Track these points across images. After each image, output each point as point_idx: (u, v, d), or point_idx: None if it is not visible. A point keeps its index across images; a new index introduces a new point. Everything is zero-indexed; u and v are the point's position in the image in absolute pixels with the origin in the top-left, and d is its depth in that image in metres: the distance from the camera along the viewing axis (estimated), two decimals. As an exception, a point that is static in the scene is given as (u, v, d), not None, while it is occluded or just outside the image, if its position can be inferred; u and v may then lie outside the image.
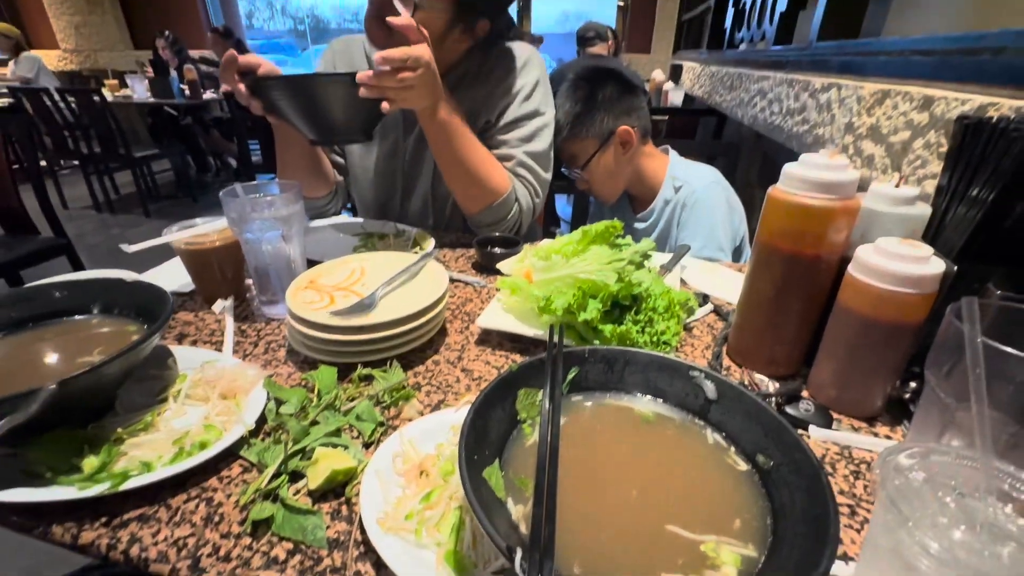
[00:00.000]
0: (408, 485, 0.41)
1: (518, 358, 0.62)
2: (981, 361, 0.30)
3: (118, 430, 0.46)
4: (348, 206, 1.18)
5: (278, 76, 0.70)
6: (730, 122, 2.06)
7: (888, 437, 0.50)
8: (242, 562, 0.36)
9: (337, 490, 0.42)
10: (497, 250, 0.86)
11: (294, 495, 0.41)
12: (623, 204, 1.27)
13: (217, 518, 0.40)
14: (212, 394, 0.51)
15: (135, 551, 0.37)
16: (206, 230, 0.70)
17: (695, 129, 3.06)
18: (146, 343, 0.46)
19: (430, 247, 0.88)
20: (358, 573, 0.36)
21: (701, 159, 1.24)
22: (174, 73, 4.03)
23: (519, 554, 0.25)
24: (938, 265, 0.45)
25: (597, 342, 0.59)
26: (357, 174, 1.07)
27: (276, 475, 0.42)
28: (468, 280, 0.82)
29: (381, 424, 0.49)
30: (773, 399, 0.52)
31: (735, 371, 0.60)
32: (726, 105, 1.89)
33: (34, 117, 3.61)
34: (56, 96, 3.57)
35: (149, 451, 0.44)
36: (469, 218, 0.96)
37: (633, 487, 0.36)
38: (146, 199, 3.80)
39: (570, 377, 0.44)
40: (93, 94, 3.41)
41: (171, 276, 0.79)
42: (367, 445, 0.47)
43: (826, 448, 0.48)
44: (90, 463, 0.42)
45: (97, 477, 0.41)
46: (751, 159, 1.72)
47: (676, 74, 3.80)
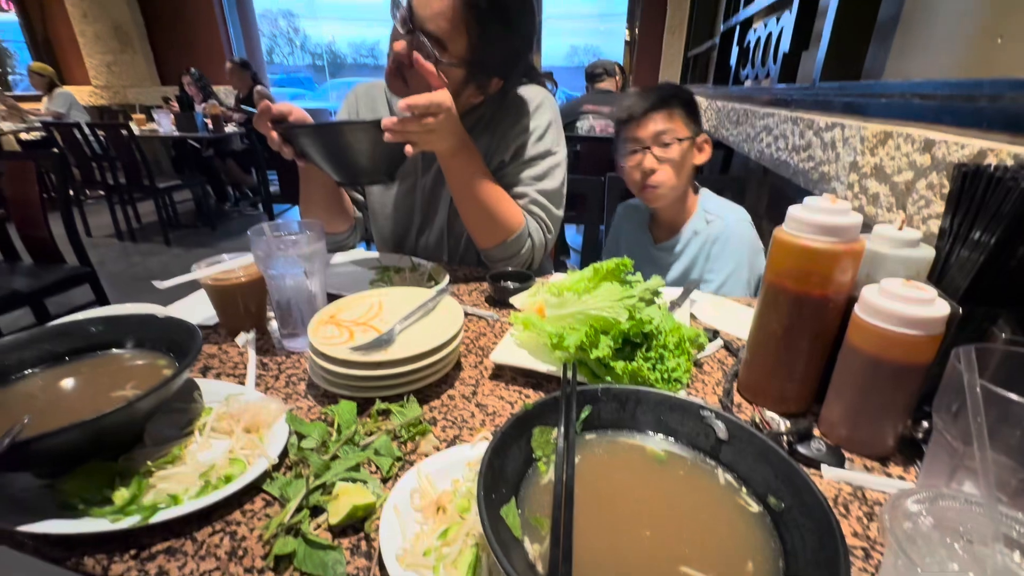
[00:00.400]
0: (426, 521, 0.42)
1: (531, 393, 0.63)
2: (981, 409, 0.31)
3: (147, 463, 0.47)
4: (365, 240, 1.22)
5: (308, 125, 0.74)
6: (737, 156, 2.10)
7: (901, 477, 0.50)
8: (266, 597, 0.37)
9: (356, 525, 0.43)
10: (510, 284, 0.88)
11: (315, 530, 0.42)
12: (642, 231, 1.26)
13: (241, 552, 0.41)
14: (236, 427, 0.53)
15: (163, 584, 0.38)
16: (232, 266, 0.73)
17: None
18: (177, 379, 0.48)
19: (445, 282, 0.90)
20: (378, 610, 0.36)
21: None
22: (199, 108, 4.20)
23: (538, 594, 0.26)
24: (943, 307, 0.46)
25: (609, 379, 0.60)
26: (376, 210, 1.11)
27: (298, 510, 0.44)
28: (482, 314, 0.84)
29: (399, 459, 0.51)
30: (784, 438, 0.52)
31: (746, 408, 0.61)
32: (733, 139, 1.93)
33: (64, 149, 3.78)
34: (86, 130, 3.74)
35: (176, 484, 0.46)
36: (483, 253, 0.98)
37: (647, 527, 0.36)
38: (167, 228, 3.92)
39: (583, 416, 0.45)
40: (121, 128, 3.57)
41: (196, 309, 0.82)
42: (385, 480, 0.49)
43: (839, 488, 0.49)
44: (121, 495, 0.43)
45: (128, 509, 0.42)
46: (759, 193, 1.75)
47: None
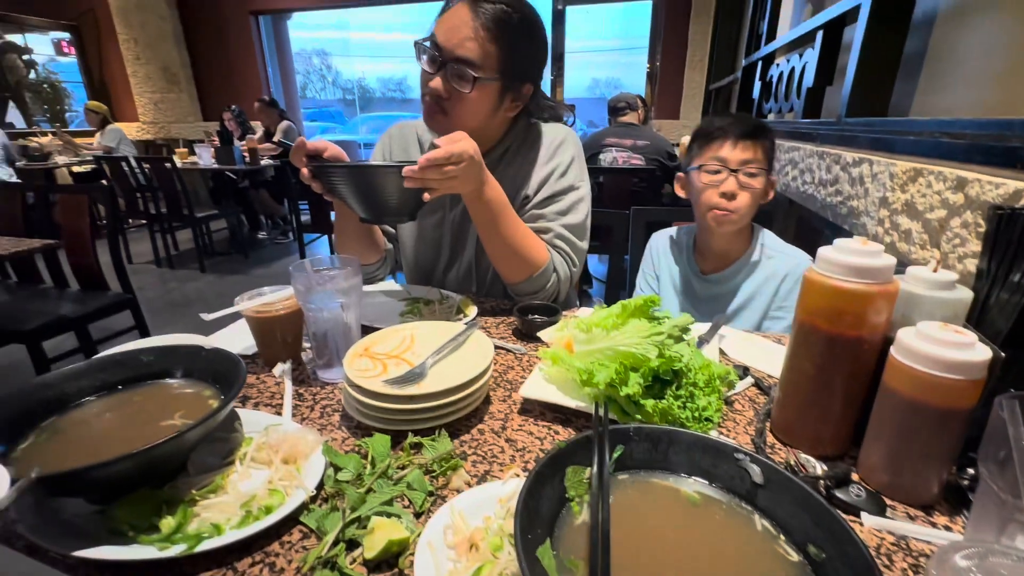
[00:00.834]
0: (459, 559, 0.43)
1: (560, 429, 0.64)
2: (1030, 462, 0.30)
3: (192, 491, 0.49)
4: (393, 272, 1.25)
5: (335, 164, 0.78)
6: (762, 187, 2.10)
7: (947, 528, 0.48)
8: (304, 631, 0.38)
9: (391, 560, 0.44)
10: (537, 318, 0.89)
11: (351, 564, 0.43)
12: (685, 261, 1.21)
13: (280, 584, 0.42)
14: (275, 458, 0.54)
15: (207, 614, 0.39)
16: (272, 299, 0.77)
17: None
18: (223, 410, 0.50)
19: (473, 314, 0.92)
20: (413, 649, 0.37)
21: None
22: (237, 142, 4.42)
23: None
24: (984, 351, 0.46)
25: (639, 417, 0.60)
26: (405, 242, 1.14)
27: (334, 543, 0.45)
28: (510, 348, 0.85)
29: (431, 493, 0.51)
30: (822, 482, 0.51)
31: (780, 450, 0.60)
32: (757, 171, 1.93)
33: (112, 181, 4.01)
34: (132, 163, 3.97)
35: (218, 513, 0.47)
36: (510, 287, 1.00)
37: (683, 573, 0.36)
38: (202, 255, 4.08)
39: (616, 455, 0.46)
40: (165, 161, 3.78)
41: (237, 339, 0.85)
42: (418, 515, 0.49)
43: (881, 538, 0.47)
44: (167, 523, 0.45)
45: (174, 538, 0.44)
46: (785, 224, 1.74)
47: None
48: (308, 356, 0.80)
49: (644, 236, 1.48)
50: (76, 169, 4.98)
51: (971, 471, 0.50)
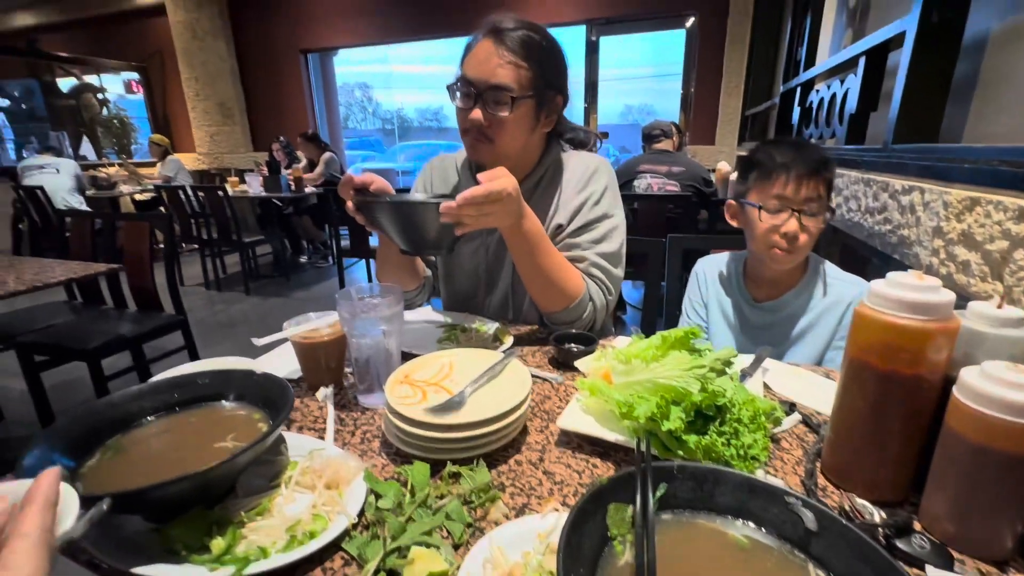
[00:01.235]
0: (499, 595, 0.42)
1: (599, 463, 0.63)
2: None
3: (240, 513, 0.51)
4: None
5: (378, 200, 0.81)
6: (803, 213, 2.05)
7: (1025, 588, 0.45)
8: (346, 661, 0.38)
9: (430, 593, 0.44)
10: (574, 347, 0.89)
11: (391, 594, 0.43)
12: (736, 289, 1.15)
13: (322, 611, 0.42)
14: (319, 483, 0.55)
15: (253, 638, 0.40)
16: (318, 324, 0.79)
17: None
18: (272, 434, 0.52)
19: (510, 342, 0.93)
20: None
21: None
22: (284, 171, 4.66)
23: None
24: (1059, 395, 0.43)
25: (681, 453, 0.58)
26: (443, 270, 1.17)
27: (375, 572, 0.45)
28: (546, 376, 0.85)
29: (469, 525, 0.51)
30: (880, 531, 0.48)
31: (832, 493, 0.57)
32: (798, 198, 1.89)
33: (170, 208, 4.28)
34: (188, 191, 4.23)
35: (265, 536, 0.49)
36: (546, 316, 1.01)
37: (733, 624, 0.35)
38: (248, 278, 4.27)
39: (659, 494, 0.45)
40: (217, 190, 4.01)
41: (283, 362, 0.88)
42: (456, 546, 0.49)
43: (949, 595, 0.44)
44: (218, 544, 0.47)
45: (224, 559, 0.45)
46: (828, 251, 1.68)
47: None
48: (350, 381, 0.83)
49: (681, 263, 1.47)
50: (138, 197, 5.35)
51: (1050, 525, 0.46)
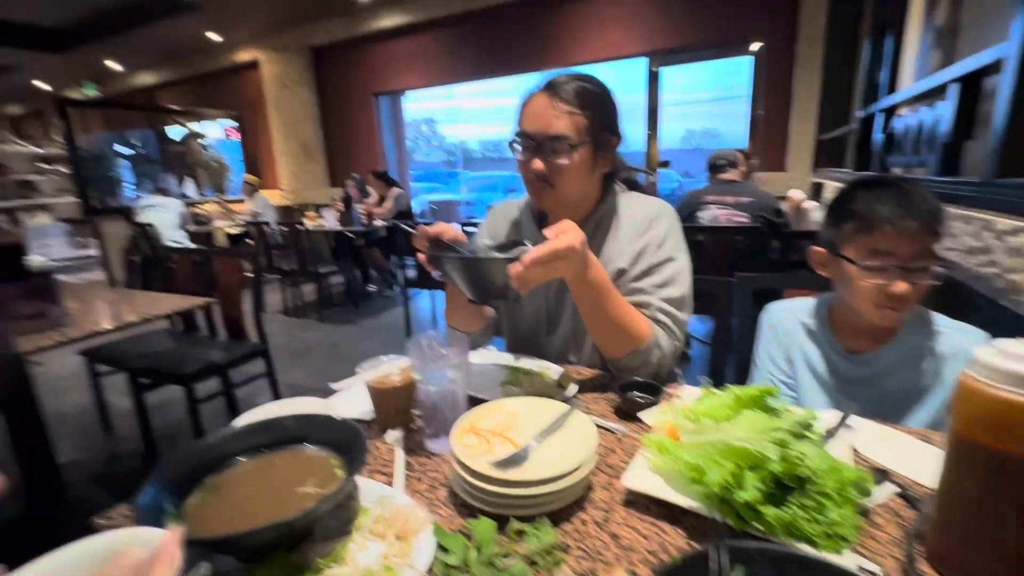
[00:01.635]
0: (566, 673, 0.41)
1: (668, 528, 0.60)
2: None
3: (317, 560, 0.53)
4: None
5: (448, 255, 0.84)
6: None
7: None
8: None
9: (497, 662, 0.44)
10: (638, 397, 0.87)
11: (459, 660, 0.44)
12: (822, 339, 1.02)
13: (393, 670, 0.43)
14: (389, 532, 0.57)
15: None
16: (389, 369, 0.83)
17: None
18: (350, 483, 0.55)
19: (573, 389, 0.92)
20: None
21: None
22: (356, 206, 4.98)
23: None
24: None
25: (758, 525, 0.55)
26: (506, 311, 1.19)
27: (443, 633, 0.46)
28: (610, 427, 0.83)
29: (535, 589, 0.51)
30: (999, 637, 0.42)
31: (938, 583, 0.51)
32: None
33: (256, 241, 4.69)
34: (272, 226, 4.62)
35: (340, 584, 0.51)
36: (611, 363, 0.99)
37: None
38: (322, 306, 4.55)
39: (736, 577, 0.42)
40: (297, 224, 4.35)
41: (356, 400, 0.92)
42: (522, 612, 0.49)
43: None
44: (298, 590, 0.49)
45: (303, 606, 0.48)
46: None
47: (817, 192, 3.66)
48: (417, 424, 0.85)
49: (752, 306, 1.40)
50: (229, 231, 5.90)
51: None
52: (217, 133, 7.69)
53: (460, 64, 5.65)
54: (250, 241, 5.80)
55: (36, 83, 8.32)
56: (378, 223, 4.89)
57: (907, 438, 0.78)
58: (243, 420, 0.76)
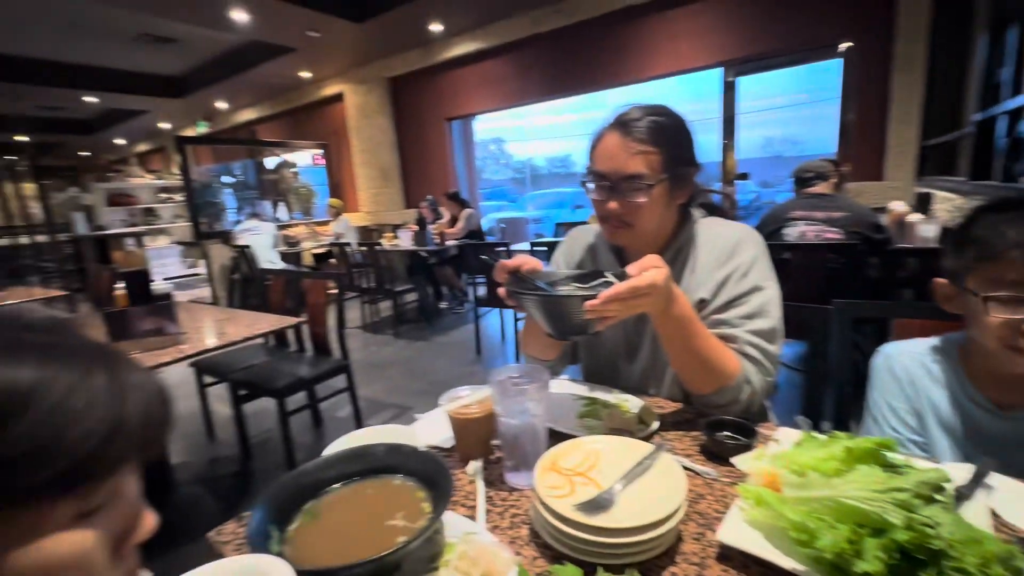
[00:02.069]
0: None
1: (771, 592, 0.56)
2: None
3: (411, 595, 0.55)
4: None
5: (526, 292, 0.84)
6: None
7: None
8: None
9: None
10: (728, 438, 0.82)
11: None
12: (958, 389, 0.88)
13: None
14: (475, 572, 0.57)
15: None
16: (469, 400, 0.85)
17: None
18: (437, 521, 0.56)
19: (655, 426, 0.89)
20: None
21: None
22: (429, 227, 5.18)
23: None
24: None
25: (881, 601, 0.49)
26: (583, 340, 1.17)
27: None
28: (698, 470, 0.79)
29: (626, 650, 0.49)
30: None
31: None
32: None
33: (340, 261, 5.01)
34: (353, 246, 4.93)
35: (429, 624, 0.52)
36: (695, 398, 0.95)
37: None
38: (397, 323, 4.76)
39: (863, 668, 0.38)
40: (375, 245, 4.60)
41: (437, 428, 0.94)
42: (614, 674, 0.47)
43: None
44: (390, 626, 0.51)
45: (396, 644, 0.49)
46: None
47: (923, 204, 3.30)
48: (497, 456, 0.86)
49: (851, 332, 1.27)
50: (315, 251, 6.37)
51: None
52: (306, 160, 8.35)
53: (529, 86, 5.76)
54: (333, 260, 6.21)
55: (160, 124, 9.54)
56: (450, 243, 5.05)
57: (1063, 503, 0.66)
58: (334, 447, 0.80)
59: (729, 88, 5.03)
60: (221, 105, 8.45)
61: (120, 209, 8.12)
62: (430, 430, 0.96)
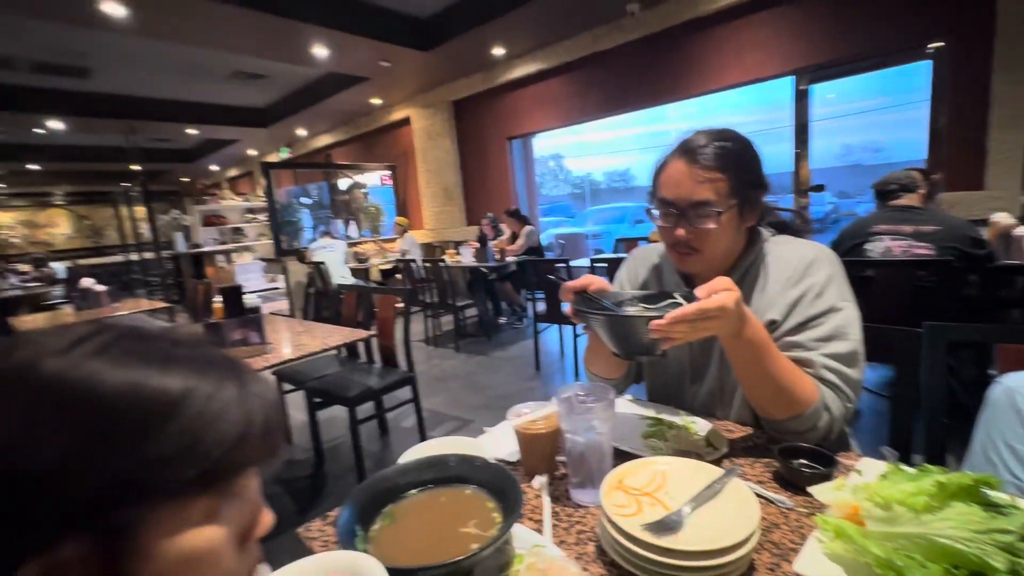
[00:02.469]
0: None
1: (854, 630, 0.53)
2: None
3: (478, 600, 0.58)
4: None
5: (592, 311, 0.85)
6: None
7: None
8: None
9: None
10: (805, 466, 0.79)
11: None
12: None
13: None
14: (543, 584, 0.59)
15: None
16: (535, 416, 0.87)
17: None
18: (508, 530, 0.59)
19: (724, 450, 0.87)
20: None
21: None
22: (490, 243, 5.30)
23: None
24: None
25: (981, 650, 0.46)
26: (648, 360, 1.17)
27: None
28: (771, 497, 0.76)
29: (697, 674, 0.48)
30: None
31: None
32: None
33: (404, 276, 5.24)
34: (418, 262, 5.13)
35: (501, 630, 0.54)
36: (768, 424, 0.92)
37: None
38: (458, 337, 4.88)
39: None
40: (438, 261, 4.77)
41: (505, 441, 0.97)
42: None
43: None
44: (465, 629, 0.53)
45: (470, 646, 0.52)
46: None
47: (1034, 214, 2.97)
48: (562, 472, 0.87)
49: (946, 361, 1.17)
50: (381, 267, 6.70)
51: None
52: (374, 181, 8.83)
53: (589, 103, 5.79)
54: (399, 276, 6.49)
55: (248, 151, 10.49)
56: (510, 259, 5.14)
57: None
58: (407, 456, 0.85)
59: (802, 96, 4.79)
60: (301, 132, 9.17)
61: (213, 228, 8.96)
62: (497, 443, 0.99)
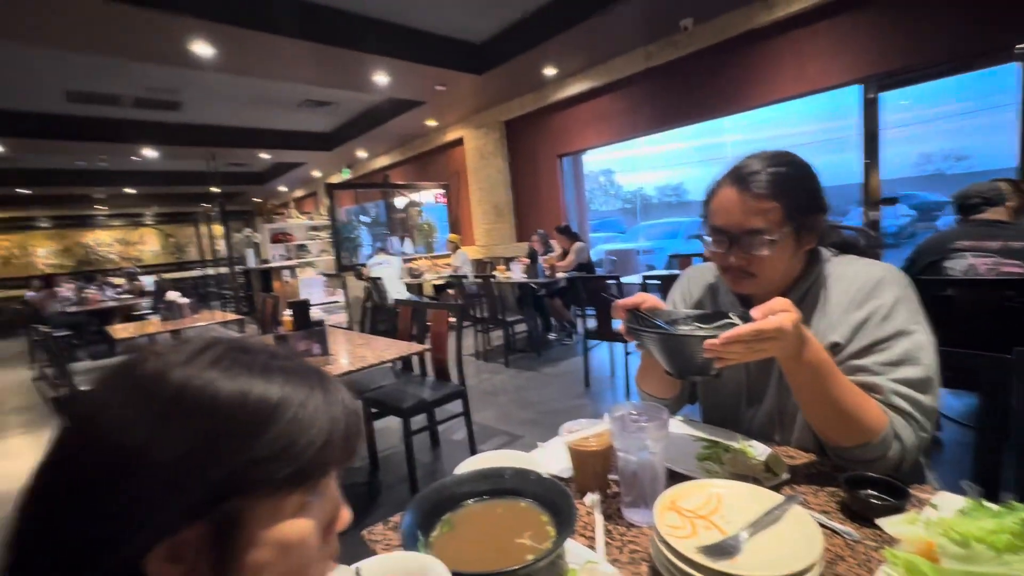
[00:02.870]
0: None
1: (927, 673, 0.51)
2: None
3: (534, 610, 0.59)
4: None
5: (646, 329, 0.85)
6: None
7: None
8: None
9: None
10: (874, 497, 0.75)
11: None
12: None
13: None
14: (597, 599, 0.61)
15: None
16: (587, 433, 0.88)
17: None
18: (562, 543, 0.61)
19: (785, 476, 0.84)
20: None
21: None
22: (541, 259, 5.35)
23: None
24: None
25: None
26: (703, 380, 1.15)
27: None
28: (836, 528, 0.73)
29: None
30: None
31: None
32: None
33: (456, 291, 5.37)
34: (469, 278, 5.25)
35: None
36: (833, 452, 0.88)
37: None
38: (507, 352, 4.93)
39: None
40: (489, 277, 4.86)
41: (557, 457, 0.99)
42: None
43: None
44: (520, 637, 0.56)
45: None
46: None
47: None
48: (614, 490, 0.88)
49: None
50: (434, 283, 6.90)
51: None
52: (429, 199, 9.16)
53: (641, 119, 5.76)
54: (451, 291, 6.66)
55: (313, 172, 11.18)
56: (560, 275, 5.15)
57: None
58: (463, 467, 0.89)
59: (870, 104, 4.54)
60: (361, 154, 9.68)
61: (280, 245, 9.57)
62: (549, 459, 1.01)
